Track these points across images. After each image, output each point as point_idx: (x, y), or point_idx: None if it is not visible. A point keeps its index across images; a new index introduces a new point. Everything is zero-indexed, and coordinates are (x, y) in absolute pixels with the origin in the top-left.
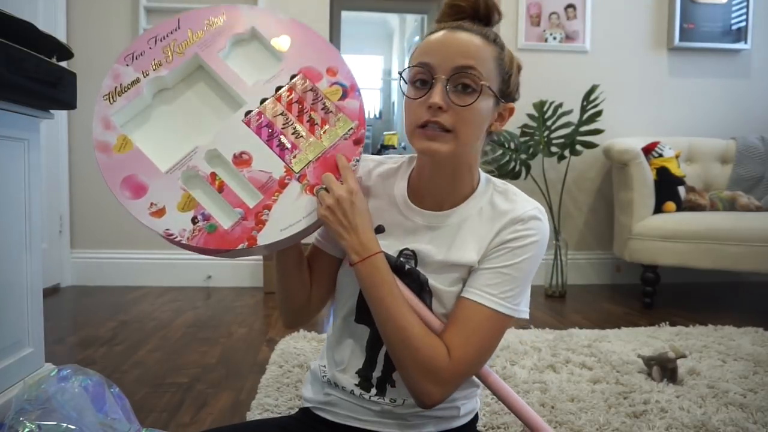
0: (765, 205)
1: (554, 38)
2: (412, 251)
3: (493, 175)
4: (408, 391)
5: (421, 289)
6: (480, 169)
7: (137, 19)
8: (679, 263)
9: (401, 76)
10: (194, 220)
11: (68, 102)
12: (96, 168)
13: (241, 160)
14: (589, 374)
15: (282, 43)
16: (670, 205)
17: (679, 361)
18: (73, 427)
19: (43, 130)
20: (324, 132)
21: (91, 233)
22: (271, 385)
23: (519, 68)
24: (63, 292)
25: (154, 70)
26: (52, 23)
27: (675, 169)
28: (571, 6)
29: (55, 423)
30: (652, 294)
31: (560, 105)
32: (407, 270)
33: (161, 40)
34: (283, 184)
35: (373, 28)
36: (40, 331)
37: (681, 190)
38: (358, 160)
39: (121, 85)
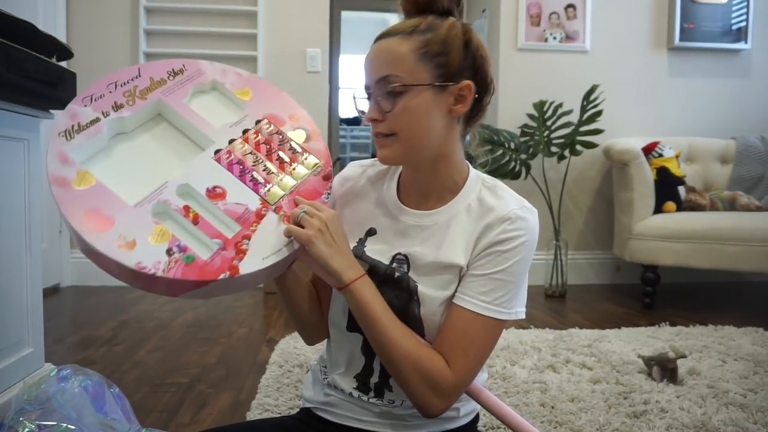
0: (765, 205)
1: (554, 38)
2: (405, 256)
3: (494, 175)
4: (411, 403)
5: (410, 298)
6: (470, 165)
7: (137, 19)
8: (679, 263)
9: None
10: (169, 252)
11: (68, 102)
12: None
13: (215, 193)
14: (589, 374)
15: (244, 93)
16: (670, 205)
17: (679, 361)
18: (73, 427)
19: (43, 130)
20: (293, 169)
21: None
22: (271, 385)
23: (466, 41)
24: (63, 292)
25: (114, 111)
26: (52, 23)
27: (675, 169)
28: (571, 6)
29: (55, 423)
30: (652, 294)
31: (560, 105)
32: (397, 278)
33: (122, 86)
34: (260, 215)
35: (373, 28)
36: (40, 331)
37: (681, 190)
38: (329, 194)
39: (79, 123)
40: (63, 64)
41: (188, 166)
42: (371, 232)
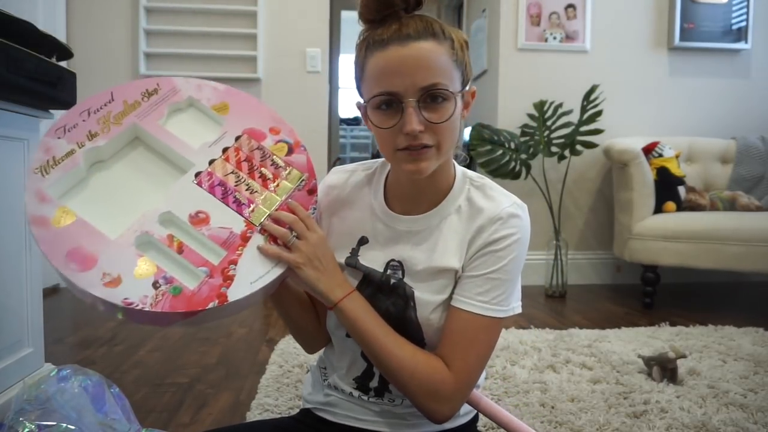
0: (765, 205)
1: (554, 38)
2: (399, 262)
3: (495, 175)
4: (417, 411)
5: (406, 304)
6: (456, 164)
7: (137, 19)
8: (680, 263)
9: (360, 107)
10: (155, 285)
11: (68, 102)
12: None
13: (198, 219)
14: (589, 374)
15: (222, 108)
16: (670, 205)
17: (679, 361)
18: (72, 427)
19: (43, 130)
20: (277, 186)
21: None
22: (271, 385)
23: (467, 44)
24: (63, 292)
25: (89, 140)
26: (52, 23)
27: (675, 169)
28: (571, 6)
29: (54, 423)
30: (652, 294)
31: (560, 105)
32: (393, 285)
33: (95, 112)
34: (245, 238)
35: None
36: (40, 331)
37: (681, 190)
38: (315, 209)
39: (54, 157)
40: (63, 64)
41: (169, 192)
42: (363, 241)
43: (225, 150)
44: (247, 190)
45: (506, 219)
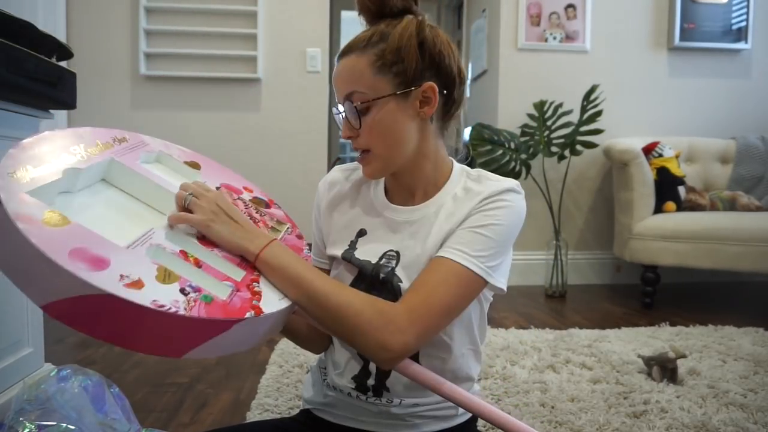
0: (765, 205)
1: (554, 38)
2: (396, 252)
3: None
4: (369, 357)
5: (395, 299)
6: (453, 161)
7: (137, 19)
8: (679, 263)
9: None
10: (183, 292)
11: (68, 102)
12: None
13: (207, 242)
14: (589, 374)
15: (193, 165)
16: (671, 205)
17: (679, 361)
18: (72, 427)
19: (43, 130)
20: (269, 228)
21: None
22: (271, 385)
23: (420, 42)
24: None
25: (71, 157)
26: (52, 23)
27: (675, 169)
28: (571, 6)
29: (54, 423)
30: (652, 294)
31: (560, 105)
32: (382, 279)
33: (65, 145)
34: (256, 266)
35: None
36: (40, 331)
37: (681, 190)
38: (310, 246)
39: (26, 167)
40: (63, 64)
41: (167, 216)
42: (362, 233)
43: None
44: None
45: (502, 191)
